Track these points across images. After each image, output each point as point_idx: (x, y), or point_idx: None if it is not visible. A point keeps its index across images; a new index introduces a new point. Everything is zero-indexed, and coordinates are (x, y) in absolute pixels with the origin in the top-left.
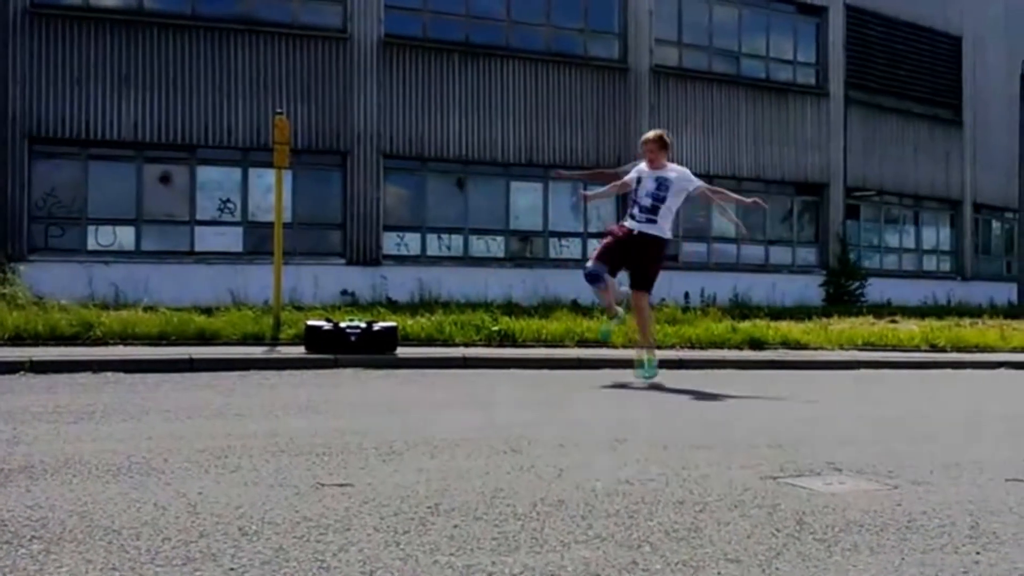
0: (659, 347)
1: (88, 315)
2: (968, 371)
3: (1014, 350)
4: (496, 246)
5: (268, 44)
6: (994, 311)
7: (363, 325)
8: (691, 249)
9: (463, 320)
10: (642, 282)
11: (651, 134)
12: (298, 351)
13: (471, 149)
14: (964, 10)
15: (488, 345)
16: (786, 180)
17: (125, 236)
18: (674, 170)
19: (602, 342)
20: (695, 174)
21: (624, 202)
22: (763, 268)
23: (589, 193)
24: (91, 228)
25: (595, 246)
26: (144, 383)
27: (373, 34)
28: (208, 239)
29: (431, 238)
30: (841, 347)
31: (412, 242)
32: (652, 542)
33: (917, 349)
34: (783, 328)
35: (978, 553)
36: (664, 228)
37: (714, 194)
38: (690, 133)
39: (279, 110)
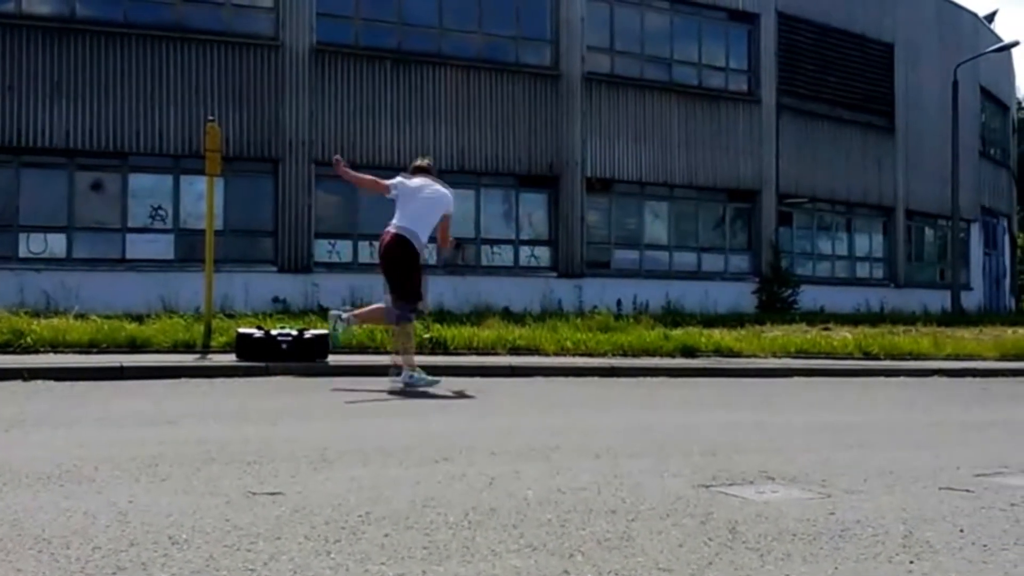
0: (589, 355)
1: (19, 323)
2: (902, 379)
3: (948, 358)
4: (428, 253)
5: (200, 52)
6: (928, 318)
7: (294, 332)
8: (623, 256)
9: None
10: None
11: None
12: (229, 359)
13: (403, 156)
14: (896, 17)
15: (419, 353)
16: (718, 187)
17: (57, 243)
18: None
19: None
20: (625, 181)
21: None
22: (695, 275)
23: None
24: (23, 235)
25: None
26: (75, 391)
27: (305, 42)
28: (140, 246)
29: (363, 245)
30: (774, 355)
31: (344, 249)
32: (584, 551)
33: (850, 357)
34: (716, 336)
35: (912, 562)
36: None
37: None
38: (622, 140)
39: (211, 117)
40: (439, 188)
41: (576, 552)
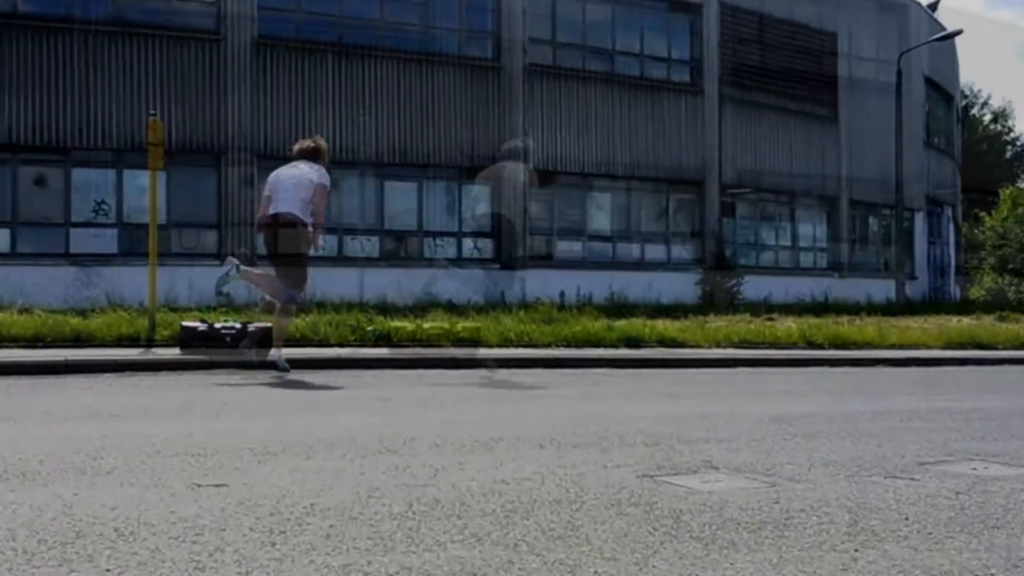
0: (533, 346)
1: None
2: (847, 368)
3: (892, 347)
4: (371, 246)
5: (142, 46)
6: (872, 308)
7: (238, 325)
8: (566, 247)
9: (338, 320)
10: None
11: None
12: (173, 352)
13: (345, 149)
14: (839, 6)
15: (363, 345)
16: (661, 178)
17: (0, 238)
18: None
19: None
20: (568, 172)
21: None
22: (639, 266)
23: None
24: None
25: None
26: (19, 386)
27: (246, 35)
28: (83, 241)
29: None
30: (718, 345)
31: None
32: (529, 541)
33: (795, 347)
34: (660, 326)
35: (856, 551)
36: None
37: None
38: (565, 132)
39: (153, 112)
40: (303, 171)
41: (521, 542)
